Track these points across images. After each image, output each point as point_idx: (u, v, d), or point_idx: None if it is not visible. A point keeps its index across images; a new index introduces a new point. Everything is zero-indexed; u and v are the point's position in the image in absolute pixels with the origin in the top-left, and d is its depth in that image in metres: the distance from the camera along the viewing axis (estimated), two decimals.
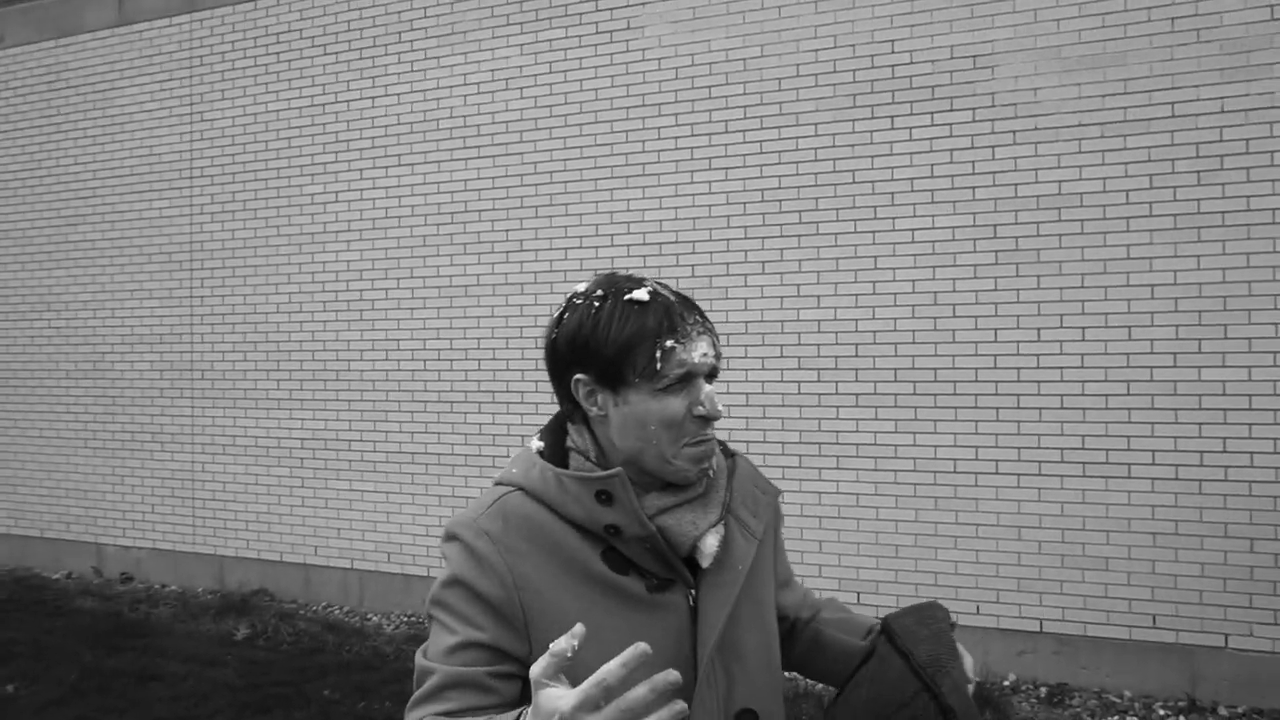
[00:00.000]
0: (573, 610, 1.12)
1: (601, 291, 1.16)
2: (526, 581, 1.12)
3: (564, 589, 1.13)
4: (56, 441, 6.63)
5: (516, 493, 1.18)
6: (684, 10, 4.91)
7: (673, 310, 1.13)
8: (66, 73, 6.62)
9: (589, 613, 1.12)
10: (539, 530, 1.14)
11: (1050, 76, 4.26)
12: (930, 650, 1.16)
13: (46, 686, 4.17)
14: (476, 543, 1.13)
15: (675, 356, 1.11)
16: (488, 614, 1.10)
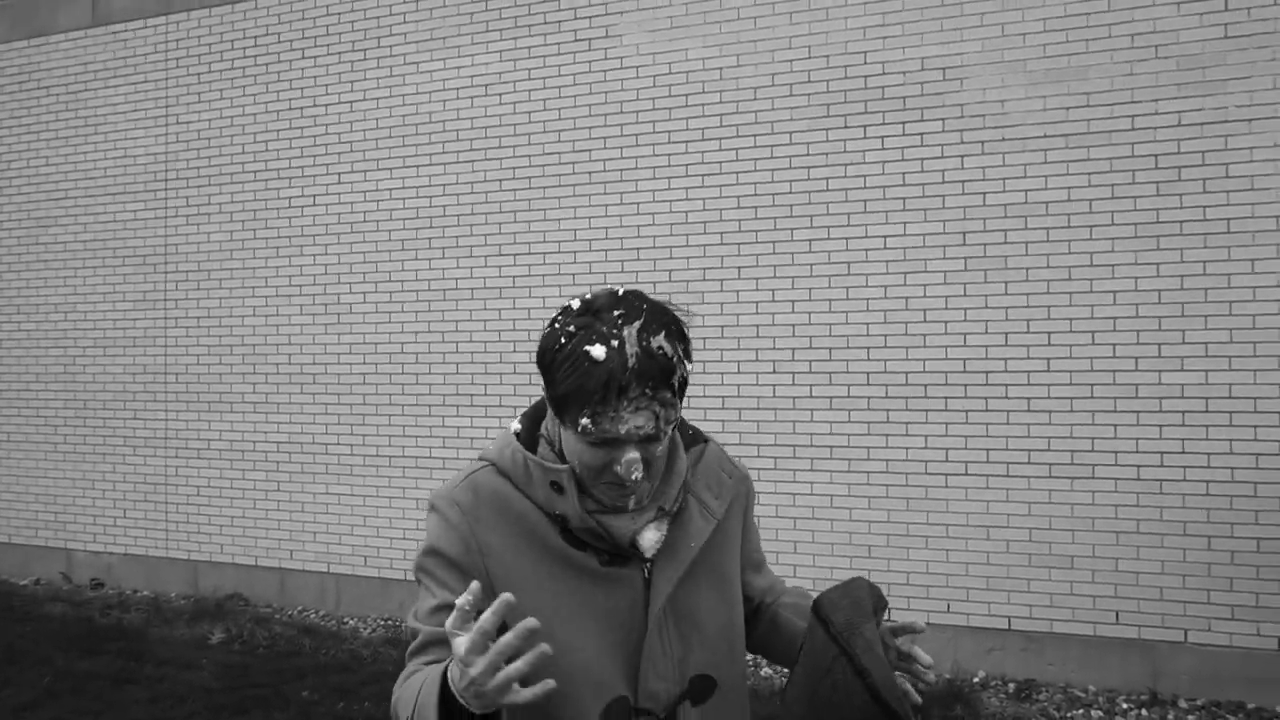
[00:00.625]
0: (532, 577, 1.21)
1: (574, 327, 1.15)
2: (490, 549, 1.22)
3: (525, 558, 1.22)
4: (25, 446, 6.55)
5: (489, 468, 1.27)
6: (662, 20, 4.99)
7: (615, 380, 1.11)
8: (39, 73, 6.56)
9: (547, 580, 1.21)
10: (505, 504, 1.24)
11: (1017, 89, 4.39)
12: (846, 616, 1.19)
13: (19, 690, 4.13)
14: (449, 513, 1.24)
15: (601, 425, 1.12)
16: (458, 578, 1.21)
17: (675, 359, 1.15)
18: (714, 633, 1.30)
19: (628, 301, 1.17)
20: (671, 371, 1.14)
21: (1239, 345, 4.07)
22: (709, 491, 1.32)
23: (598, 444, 1.15)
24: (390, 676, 4.41)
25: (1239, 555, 4.06)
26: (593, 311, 1.16)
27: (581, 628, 1.21)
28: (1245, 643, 4.05)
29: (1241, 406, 4.07)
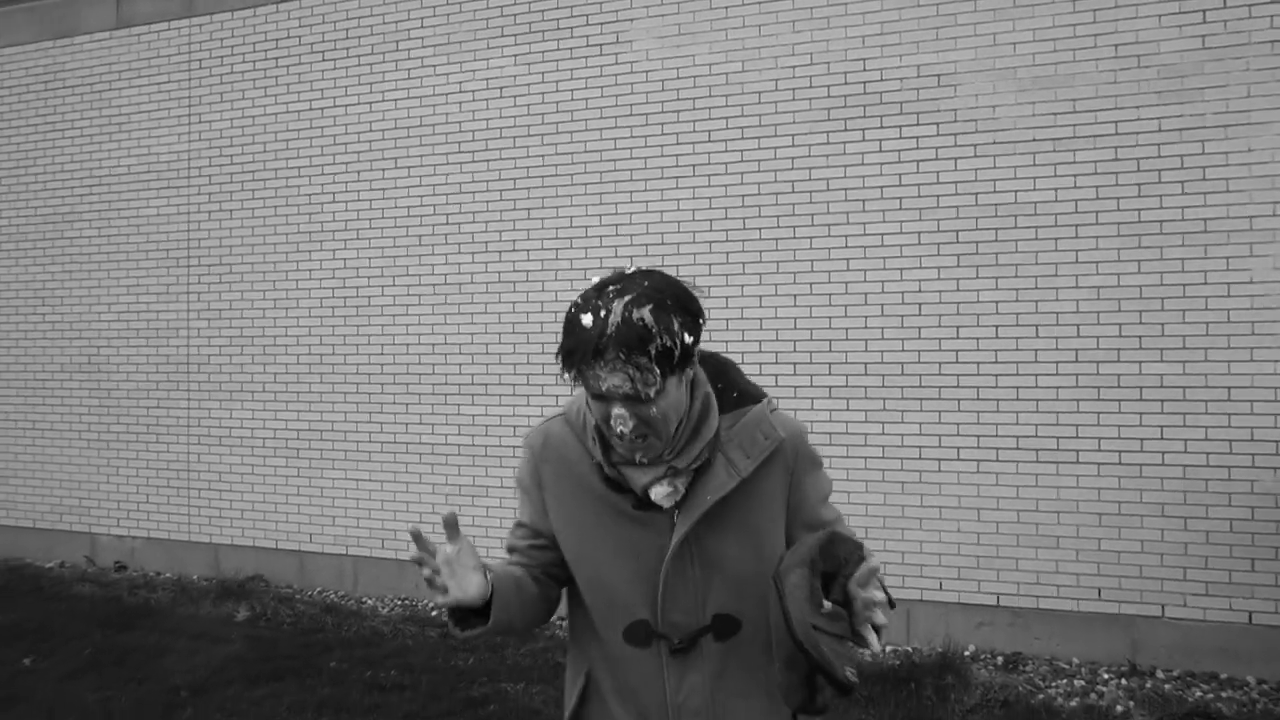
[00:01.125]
0: (576, 513, 1.48)
1: (581, 299, 1.34)
2: (548, 485, 1.52)
3: (573, 496, 1.49)
4: (50, 434, 6.76)
5: (561, 418, 1.56)
6: (670, 26, 5.23)
7: (592, 344, 1.27)
8: (64, 73, 6.77)
9: (590, 516, 1.47)
10: (565, 449, 1.51)
11: (1007, 95, 4.64)
12: (786, 562, 1.31)
13: (63, 660, 4.36)
14: (525, 452, 1.57)
15: (586, 382, 1.32)
16: (527, 503, 1.55)
17: (655, 330, 1.28)
18: (738, 578, 1.44)
19: (631, 278, 1.35)
20: (648, 340, 1.28)
21: (1214, 338, 4.34)
22: (739, 450, 1.44)
23: (595, 398, 1.35)
24: (411, 650, 4.65)
25: (1213, 535, 4.33)
26: (599, 285, 1.35)
27: (613, 559, 1.45)
28: (1219, 617, 4.31)
29: (1216, 395, 4.33)
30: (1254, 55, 4.30)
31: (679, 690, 1.43)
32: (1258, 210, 4.28)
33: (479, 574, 1.37)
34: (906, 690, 4.11)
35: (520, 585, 1.47)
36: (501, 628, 1.41)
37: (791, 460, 1.48)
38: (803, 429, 1.53)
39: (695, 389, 1.45)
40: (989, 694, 4.11)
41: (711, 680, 1.44)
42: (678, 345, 1.32)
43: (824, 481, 1.54)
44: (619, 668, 1.47)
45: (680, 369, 1.35)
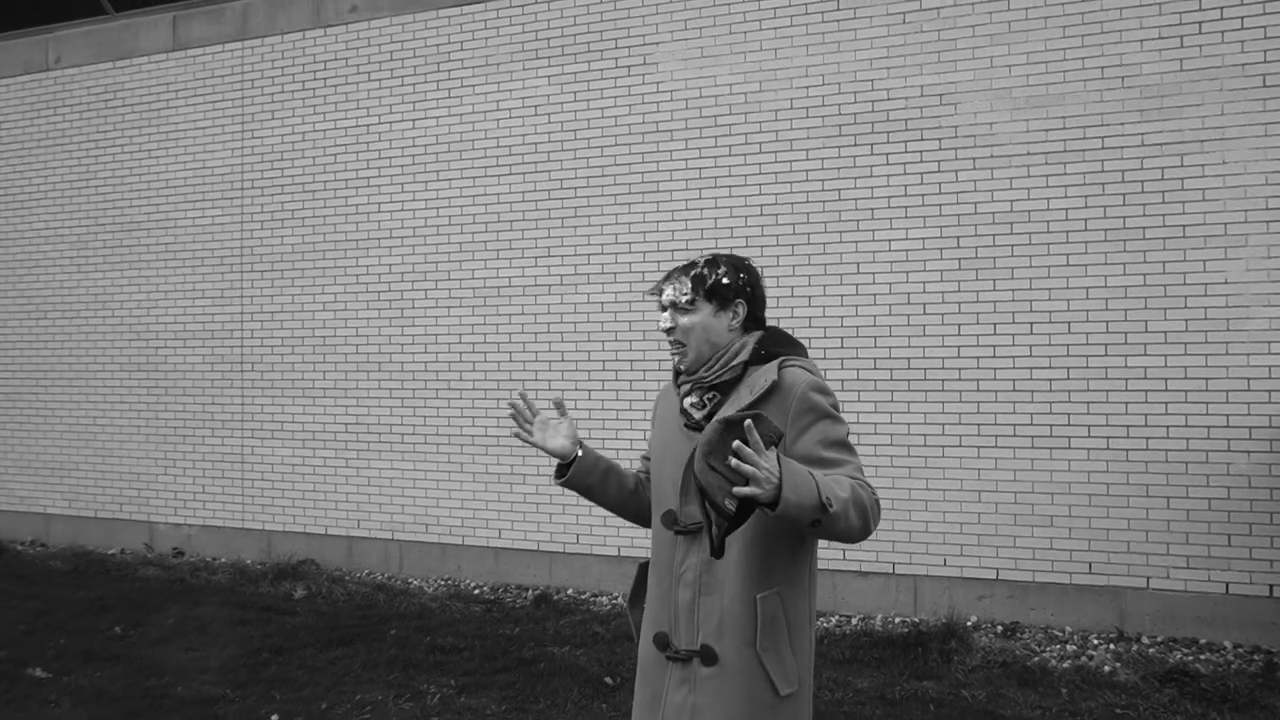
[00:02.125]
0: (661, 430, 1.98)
1: None
2: (655, 416, 2.03)
3: (662, 421, 1.99)
4: (110, 429, 7.23)
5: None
6: (694, 49, 5.69)
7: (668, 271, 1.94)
8: (123, 92, 7.25)
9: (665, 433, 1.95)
10: (669, 392, 2.01)
11: (1003, 113, 5.09)
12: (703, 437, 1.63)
13: (150, 629, 4.81)
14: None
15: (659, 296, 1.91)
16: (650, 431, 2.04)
17: (700, 264, 1.87)
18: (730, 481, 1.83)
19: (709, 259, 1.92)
20: (693, 268, 1.87)
21: (1193, 334, 4.77)
22: (748, 389, 1.80)
23: (660, 310, 1.92)
24: (460, 622, 5.09)
25: (1193, 513, 4.75)
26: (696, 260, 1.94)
27: (666, 463, 1.91)
28: (1198, 588, 4.74)
29: (1195, 386, 4.76)
30: (1227, 77, 4.74)
31: (682, 563, 1.84)
32: (1231, 217, 4.72)
33: (568, 441, 1.97)
34: (914, 654, 4.53)
35: (615, 472, 2.02)
36: (579, 486, 1.98)
37: (790, 404, 1.77)
38: (807, 383, 1.78)
39: (740, 337, 1.87)
40: (989, 657, 4.53)
41: (705, 561, 1.80)
42: (711, 276, 1.85)
43: (828, 430, 1.76)
44: (655, 544, 1.92)
45: (711, 297, 1.84)
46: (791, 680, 1.74)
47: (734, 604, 1.74)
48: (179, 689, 3.97)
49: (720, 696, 1.73)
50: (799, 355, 1.89)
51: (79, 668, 4.24)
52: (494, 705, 3.80)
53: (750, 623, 1.73)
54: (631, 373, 5.77)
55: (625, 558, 5.74)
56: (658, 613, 1.87)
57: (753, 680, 1.72)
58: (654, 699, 1.84)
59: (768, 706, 1.72)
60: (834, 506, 1.55)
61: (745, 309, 1.87)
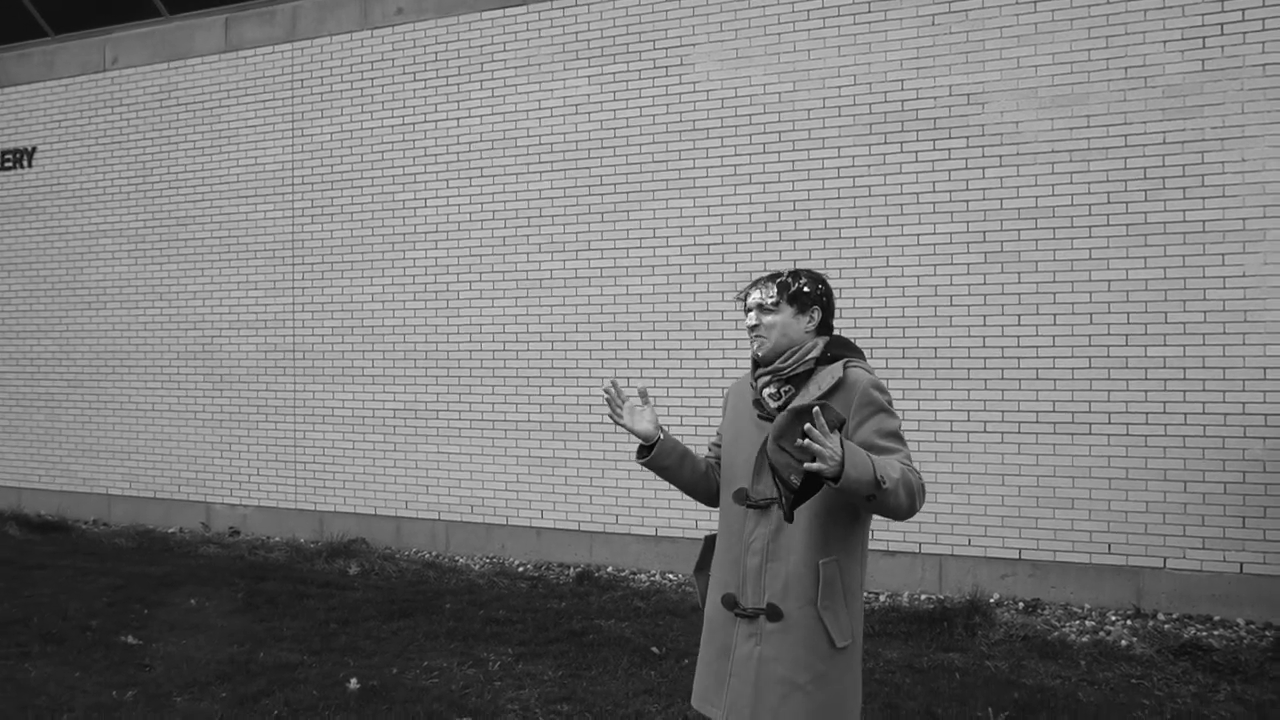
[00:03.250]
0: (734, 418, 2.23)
1: None
2: (729, 406, 2.28)
3: (734, 409, 2.24)
4: (168, 414, 7.59)
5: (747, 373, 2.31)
6: (729, 50, 5.91)
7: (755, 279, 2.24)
8: (177, 91, 7.56)
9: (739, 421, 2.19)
10: (742, 385, 2.26)
11: (1029, 112, 5.28)
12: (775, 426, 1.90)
13: (221, 602, 5.15)
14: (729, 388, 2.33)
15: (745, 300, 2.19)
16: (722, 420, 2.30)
17: (786, 275, 2.14)
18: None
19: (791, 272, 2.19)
20: (778, 276, 2.14)
21: (1211, 325, 4.97)
22: (816, 383, 2.07)
23: (745, 312, 2.19)
24: (508, 597, 5.40)
25: (1209, 497, 4.97)
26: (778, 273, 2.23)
27: (739, 445, 2.16)
28: (1213, 568, 4.96)
29: (1212, 375, 4.97)
30: (1248, 77, 4.92)
31: (751, 533, 2.10)
32: (1249, 213, 4.91)
33: (651, 425, 2.22)
34: (940, 628, 4.79)
35: (690, 456, 2.28)
36: (659, 466, 2.25)
37: (853, 398, 2.03)
38: (868, 381, 2.04)
39: (813, 338, 2.14)
40: (1011, 631, 4.79)
41: (772, 531, 2.07)
42: (794, 284, 2.13)
43: (884, 422, 2.00)
44: (724, 518, 2.20)
45: (793, 302, 2.11)
46: (846, 635, 2.01)
47: (798, 568, 2.00)
48: (260, 655, 4.30)
49: (784, 647, 1.99)
50: (860, 359, 2.15)
51: (165, 635, 4.59)
52: (550, 671, 4.10)
53: (812, 584, 2.00)
54: (668, 360, 6.04)
55: (663, 538, 6.03)
56: (726, 577, 2.14)
57: (813, 634, 1.99)
58: (721, 651, 2.11)
59: (825, 656, 1.99)
60: (887, 484, 1.81)
61: (820, 315, 2.15)
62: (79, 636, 4.54)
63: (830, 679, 2.00)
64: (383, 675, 4.02)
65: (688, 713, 3.64)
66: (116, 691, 3.82)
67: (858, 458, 1.79)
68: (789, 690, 1.98)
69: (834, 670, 2.02)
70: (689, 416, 5.97)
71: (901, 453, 1.99)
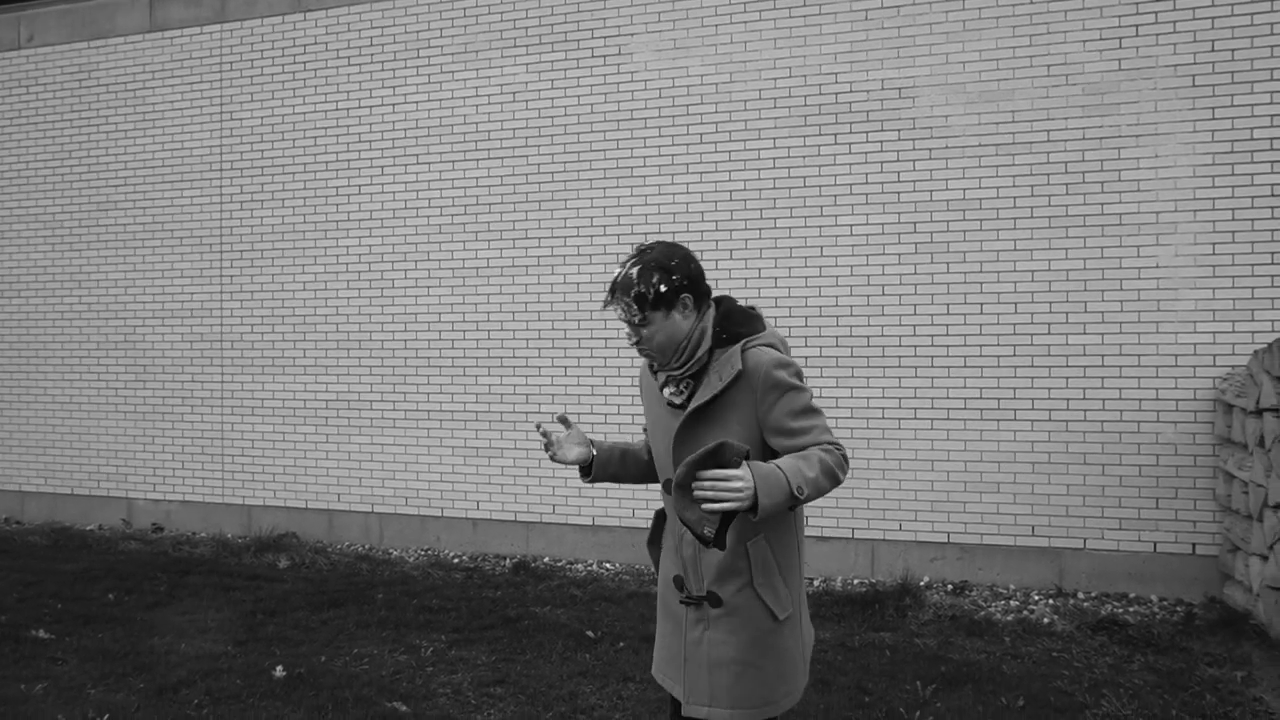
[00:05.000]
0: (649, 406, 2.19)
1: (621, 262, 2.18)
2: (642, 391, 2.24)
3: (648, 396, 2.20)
4: (87, 407, 7.30)
5: None
6: (667, 41, 5.94)
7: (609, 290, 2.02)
8: (98, 72, 7.29)
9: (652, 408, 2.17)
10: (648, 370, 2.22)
11: (957, 106, 5.43)
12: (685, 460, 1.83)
13: (144, 596, 4.97)
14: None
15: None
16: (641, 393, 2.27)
17: (636, 283, 1.95)
18: None
19: (645, 248, 2.06)
20: (630, 288, 1.95)
21: (1126, 314, 5.17)
22: (716, 373, 2.00)
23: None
24: (442, 587, 5.32)
25: (1125, 479, 5.17)
26: (637, 247, 2.09)
27: (658, 436, 2.16)
28: (1129, 547, 5.15)
29: (1128, 362, 5.17)
30: (1161, 76, 5.13)
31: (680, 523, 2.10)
32: (1163, 207, 5.12)
33: (582, 447, 2.20)
34: (872, 610, 4.88)
35: (630, 454, 2.26)
36: (604, 478, 2.24)
37: (756, 384, 1.97)
38: (769, 361, 1.97)
39: (697, 325, 2.05)
40: (940, 612, 4.90)
41: None
42: (650, 290, 1.96)
43: (792, 400, 1.96)
44: (666, 506, 2.20)
45: (658, 306, 1.96)
46: (786, 606, 2.03)
47: (728, 555, 2.02)
48: (181, 646, 4.16)
49: (730, 630, 2.02)
50: (757, 330, 2.07)
51: (79, 629, 4.41)
52: (484, 656, 4.05)
53: (745, 567, 2.01)
54: (606, 350, 6.03)
55: (600, 527, 6.02)
56: (672, 558, 2.16)
57: (754, 612, 2.01)
58: (675, 628, 2.14)
59: (770, 630, 2.02)
60: (805, 491, 1.81)
61: (691, 299, 2.01)
62: None
63: (777, 649, 2.04)
64: (310, 663, 3.93)
65: (621, 691, 3.64)
66: (25, 685, 3.65)
67: (770, 482, 1.77)
68: (741, 669, 2.02)
69: (779, 640, 2.05)
70: (625, 405, 5.97)
71: (817, 428, 1.97)
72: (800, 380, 2.01)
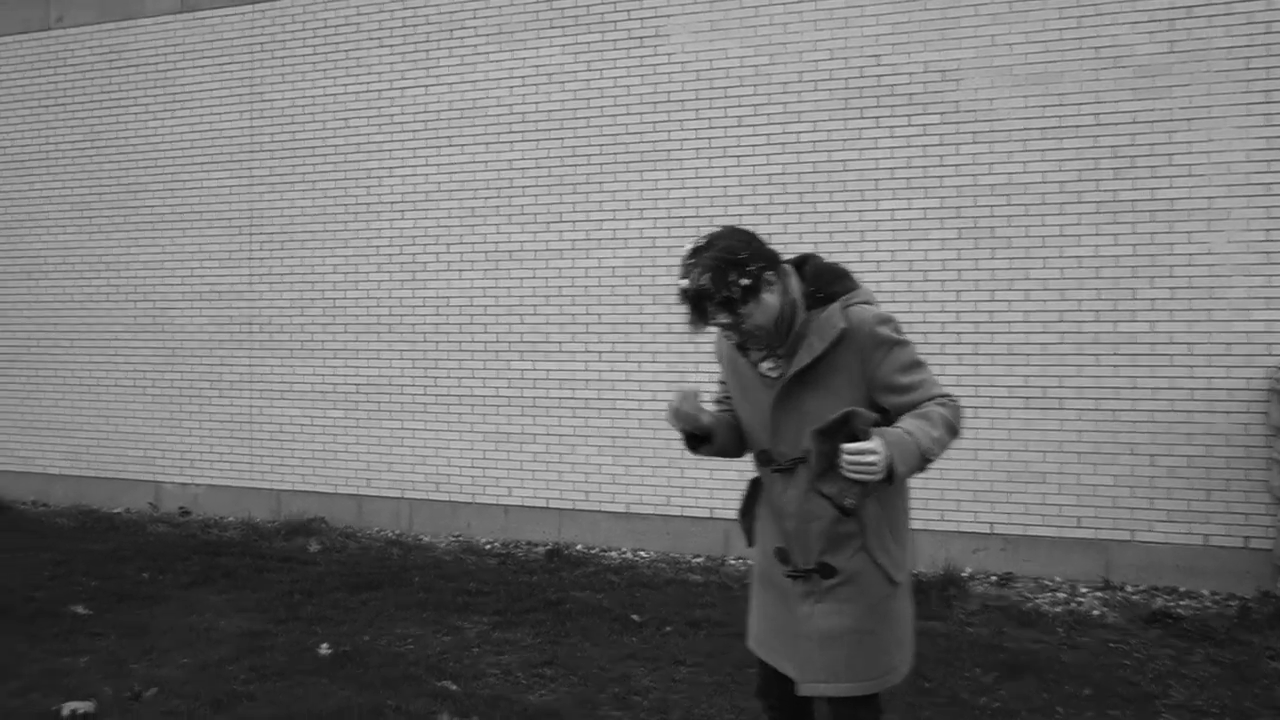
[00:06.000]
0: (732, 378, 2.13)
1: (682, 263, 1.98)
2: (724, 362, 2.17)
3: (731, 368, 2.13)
4: (115, 390, 7.26)
5: None
6: (705, 22, 5.86)
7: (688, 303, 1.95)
8: (128, 52, 7.25)
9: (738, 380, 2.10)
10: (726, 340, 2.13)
11: (1003, 89, 5.33)
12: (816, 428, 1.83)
13: (177, 575, 4.92)
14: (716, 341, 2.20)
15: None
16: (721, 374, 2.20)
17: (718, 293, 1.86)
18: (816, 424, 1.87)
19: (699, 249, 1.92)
20: (712, 297, 1.87)
21: (1178, 301, 5.06)
22: (816, 335, 1.93)
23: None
24: (477, 572, 5.25)
25: (1175, 470, 5.06)
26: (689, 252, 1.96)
27: (748, 409, 2.08)
28: (1179, 540, 5.05)
29: (1179, 350, 5.06)
30: (1214, 59, 5.02)
31: (782, 495, 2.03)
32: (1215, 191, 5.01)
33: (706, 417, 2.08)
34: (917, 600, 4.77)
35: (724, 423, 2.15)
36: (718, 450, 2.14)
37: (862, 342, 1.91)
38: (872, 318, 1.92)
39: (786, 296, 1.96)
40: (986, 603, 4.81)
41: (802, 493, 1.98)
42: (736, 291, 1.87)
43: (900, 355, 1.91)
44: (762, 477, 2.12)
45: (746, 301, 1.88)
46: (901, 565, 1.95)
47: (837, 522, 1.93)
48: (220, 623, 4.10)
49: (843, 597, 1.94)
50: (851, 288, 1.99)
51: (116, 606, 4.36)
52: (529, 638, 3.98)
53: (857, 531, 1.93)
54: (641, 335, 5.95)
55: (634, 514, 5.94)
56: (772, 530, 2.07)
57: (869, 577, 1.93)
58: (779, 601, 2.04)
59: (886, 596, 1.94)
60: (934, 453, 1.77)
61: (774, 275, 1.93)
62: (23, 606, 4.29)
63: (894, 614, 1.97)
64: (355, 642, 3.87)
65: (674, 674, 3.56)
66: (69, 658, 3.60)
67: (903, 449, 1.73)
68: (858, 638, 1.93)
69: (895, 605, 1.98)
70: (661, 390, 5.89)
71: (927, 382, 1.92)
72: (903, 334, 1.94)
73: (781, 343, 1.96)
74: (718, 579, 5.07)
